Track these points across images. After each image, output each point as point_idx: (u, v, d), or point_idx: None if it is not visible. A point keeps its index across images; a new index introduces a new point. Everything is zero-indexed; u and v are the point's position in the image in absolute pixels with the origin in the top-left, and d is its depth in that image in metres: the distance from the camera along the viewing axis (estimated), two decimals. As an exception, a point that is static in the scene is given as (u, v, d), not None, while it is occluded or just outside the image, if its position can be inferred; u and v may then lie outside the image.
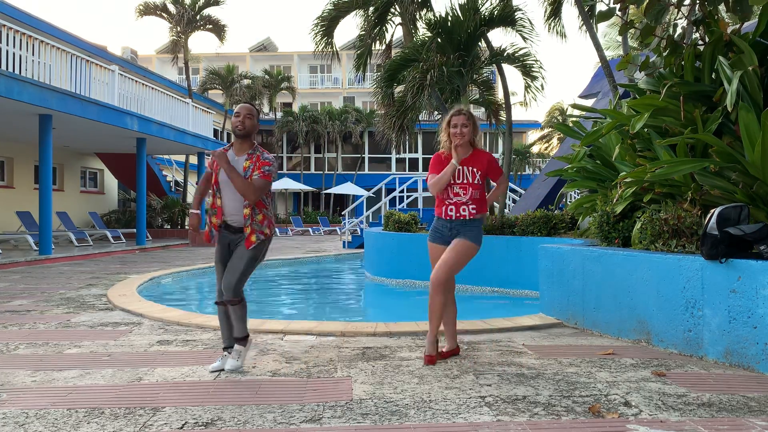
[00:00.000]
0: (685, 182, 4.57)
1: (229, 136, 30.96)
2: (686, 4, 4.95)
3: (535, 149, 39.44)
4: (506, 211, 13.21)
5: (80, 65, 12.79)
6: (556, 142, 38.08)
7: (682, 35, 5.05)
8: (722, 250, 3.68)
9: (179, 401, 3.03)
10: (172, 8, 21.61)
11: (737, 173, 4.18)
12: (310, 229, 28.63)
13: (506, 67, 10.63)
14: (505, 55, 10.31)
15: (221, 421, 2.74)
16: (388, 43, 12.90)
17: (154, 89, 16.28)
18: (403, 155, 35.43)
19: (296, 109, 35.60)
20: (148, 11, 21.52)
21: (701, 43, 4.90)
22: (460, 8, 9.75)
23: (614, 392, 3.14)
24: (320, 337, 4.63)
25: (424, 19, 11.64)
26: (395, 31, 13.10)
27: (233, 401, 3.03)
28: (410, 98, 10.04)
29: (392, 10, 12.25)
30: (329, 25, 13.11)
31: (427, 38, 10.35)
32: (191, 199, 21.96)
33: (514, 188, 17.97)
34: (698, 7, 4.76)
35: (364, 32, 12.70)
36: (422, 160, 35.16)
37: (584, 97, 12.59)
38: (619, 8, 4.98)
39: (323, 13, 12.98)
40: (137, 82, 15.45)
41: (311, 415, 2.81)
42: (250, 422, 2.72)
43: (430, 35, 10.25)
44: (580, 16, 8.73)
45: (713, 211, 3.76)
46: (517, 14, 10.15)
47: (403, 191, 17.74)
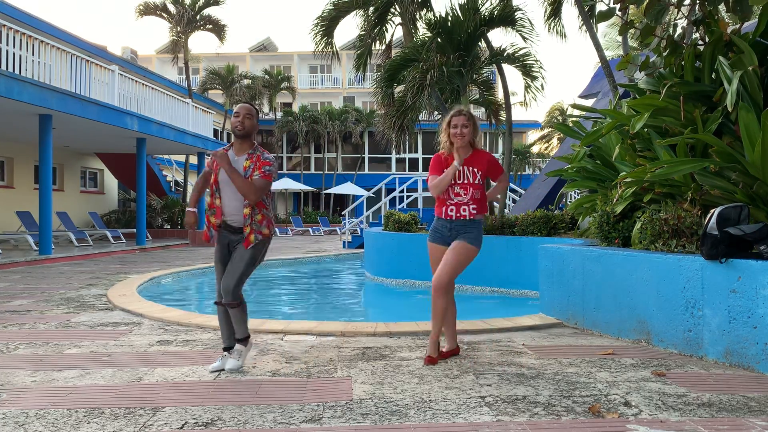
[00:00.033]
0: (685, 182, 4.57)
1: (229, 136, 30.96)
2: (686, 4, 4.95)
3: (535, 149, 39.44)
4: (506, 211, 13.20)
5: (80, 65, 12.79)
6: (556, 142, 38.08)
7: (682, 35, 5.05)
8: (722, 250, 3.68)
9: (179, 401, 3.03)
10: (172, 8, 21.60)
11: (737, 173, 4.18)
12: (310, 229, 28.63)
13: (506, 67, 10.64)
14: (505, 55, 10.31)
15: (221, 421, 2.74)
16: (388, 43, 12.90)
17: (154, 89, 16.28)
18: (403, 155, 35.43)
19: (296, 109, 35.60)
20: (148, 11, 21.51)
21: (701, 43, 4.90)
22: (460, 8, 9.75)
23: (614, 392, 3.14)
24: (320, 337, 4.63)
25: (424, 19, 11.64)
26: (395, 31, 13.11)
27: (233, 401, 3.03)
28: (410, 98, 10.04)
29: (392, 10, 12.24)
30: (329, 25, 13.11)
31: (427, 38, 10.35)
32: (191, 198, 21.90)
33: (514, 188, 17.98)
34: (698, 7, 4.76)
35: (364, 32, 12.70)
36: (422, 160, 35.17)
37: (584, 97, 12.58)
38: (619, 8, 4.98)
39: (323, 13, 12.98)
40: (137, 82, 15.45)
41: (311, 415, 2.81)
42: (250, 422, 2.72)
43: (430, 35, 10.25)
44: (580, 16, 8.73)
45: (713, 211, 3.76)
46: (517, 14, 10.16)
47: (403, 191, 17.74)
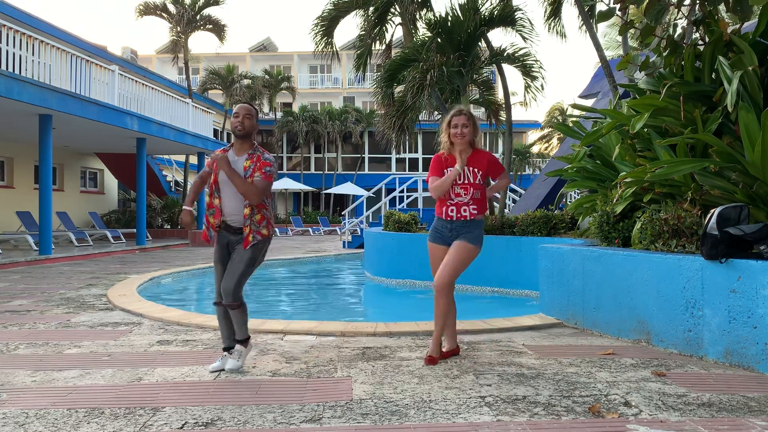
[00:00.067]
0: (685, 182, 4.57)
1: (229, 136, 30.96)
2: (686, 4, 4.95)
3: (535, 149, 39.45)
4: (506, 211, 13.21)
5: (80, 65, 12.79)
6: (556, 142, 38.09)
7: (682, 35, 5.05)
8: (722, 250, 3.68)
9: (179, 401, 3.03)
10: (172, 8, 21.61)
11: (737, 173, 4.18)
12: (310, 229, 28.63)
13: (506, 67, 10.64)
14: (505, 55, 10.31)
15: (221, 421, 2.74)
16: (388, 43, 12.91)
17: (154, 89, 16.28)
18: (403, 155, 35.44)
19: (296, 109, 35.60)
20: (148, 11, 21.53)
21: (701, 43, 4.89)
22: (460, 8, 9.75)
23: (614, 392, 3.14)
24: (320, 337, 4.63)
25: (424, 19, 11.64)
26: (395, 31, 13.12)
27: (233, 401, 3.03)
28: (410, 98, 10.04)
29: (392, 10, 12.25)
30: (329, 25, 13.12)
31: (427, 38, 10.35)
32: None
33: (514, 188, 17.98)
34: (698, 7, 4.76)
35: (364, 32, 12.70)
36: (422, 160, 35.18)
37: (584, 97, 12.58)
38: (619, 8, 4.98)
39: (323, 13, 12.99)
40: (137, 82, 15.45)
41: (311, 415, 2.81)
42: (250, 422, 2.72)
43: (430, 35, 10.25)
44: (580, 16, 8.73)
45: (713, 211, 3.75)
46: (517, 14, 10.16)
47: (403, 191, 17.74)
